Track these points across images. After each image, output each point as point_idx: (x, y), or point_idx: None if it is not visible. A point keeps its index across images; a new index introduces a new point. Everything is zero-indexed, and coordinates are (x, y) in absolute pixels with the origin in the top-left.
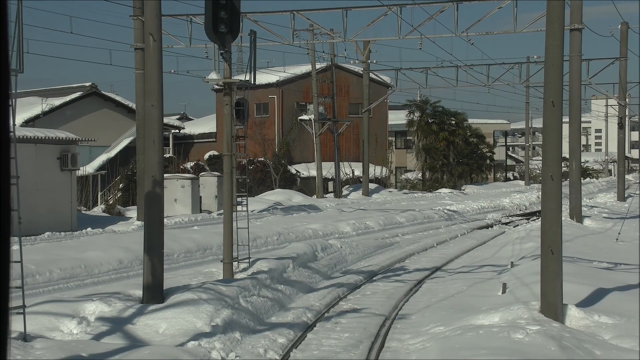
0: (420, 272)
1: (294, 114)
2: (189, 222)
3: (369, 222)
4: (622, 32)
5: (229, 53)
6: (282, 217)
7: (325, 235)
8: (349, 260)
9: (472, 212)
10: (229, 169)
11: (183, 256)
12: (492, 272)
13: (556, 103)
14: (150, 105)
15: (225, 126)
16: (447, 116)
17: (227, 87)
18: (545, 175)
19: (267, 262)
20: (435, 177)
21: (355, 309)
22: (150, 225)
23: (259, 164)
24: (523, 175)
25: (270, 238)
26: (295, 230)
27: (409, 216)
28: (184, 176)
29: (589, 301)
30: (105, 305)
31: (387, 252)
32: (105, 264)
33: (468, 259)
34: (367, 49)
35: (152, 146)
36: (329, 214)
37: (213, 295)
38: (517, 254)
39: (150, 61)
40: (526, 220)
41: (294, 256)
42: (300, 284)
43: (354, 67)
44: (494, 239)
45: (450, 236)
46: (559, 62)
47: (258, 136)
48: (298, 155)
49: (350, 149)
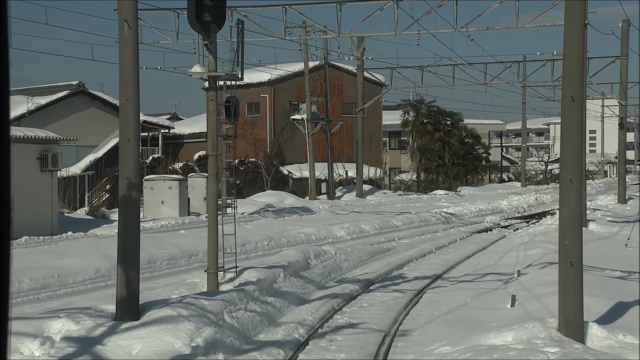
0: (420, 280)
1: (286, 113)
2: (176, 225)
3: (364, 225)
4: (623, 30)
5: (214, 44)
6: (273, 220)
7: (319, 239)
8: (343, 267)
9: (469, 214)
10: (215, 170)
11: (167, 263)
12: (498, 282)
13: (576, 98)
14: (125, 99)
15: (210, 124)
16: (442, 116)
17: (212, 81)
18: (563, 178)
19: (255, 271)
20: (430, 179)
21: (352, 323)
22: (125, 233)
23: (250, 165)
24: (518, 176)
25: (260, 243)
26: (287, 235)
27: (405, 219)
28: (172, 177)
29: (609, 317)
30: (73, 323)
31: (384, 259)
32: (81, 272)
33: (470, 266)
34: (362, 45)
35: (127, 145)
36: (322, 217)
37: (194, 311)
38: (522, 261)
39: (125, 51)
40: (526, 223)
41: (285, 264)
42: (292, 295)
43: (347, 66)
44: (494, 243)
45: (449, 241)
46: (579, 51)
47: (249, 136)
48: (290, 155)
49: (344, 150)
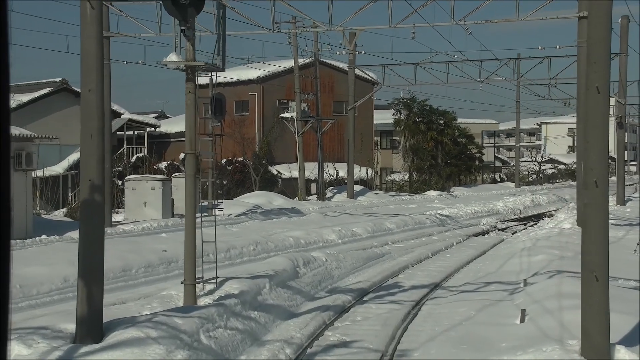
0: (418, 290)
1: (275, 112)
2: (158, 228)
3: (356, 228)
4: (623, 27)
5: (192, 30)
6: (260, 223)
7: (308, 244)
8: (335, 275)
9: (465, 216)
10: (193, 170)
11: (143, 271)
12: (503, 292)
13: (602, 89)
14: (88, 90)
15: (187, 119)
16: (435, 115)
17: (190, 72)
18: (587, 180)
19: (238, 282)
20: (422, 179)
21: (344, 341)
22: (86, 243)
23: (239, 165)
24: (510, 177)
25: (246, 248)
26: (274, 239)
27: (399, 222)
28: (154, 177)
29: (635, 337)
30: (24, 347)
31: (377, 265)
32: (47, 282)
33: (470, 273)
34: (354, 39)
35: (90, 142)
36: (312, 219)
37: (165, 332)
38: (526, 269)
39: (87, 34)
40: (523, 225)
41: (272, 274)
42: (278, 309)
43: (339, 64)
44: (494, 248)
45: (445, 245)
46: (605, 35)
47: (237, 135)
48: (280, 155)
49: (335, 149)
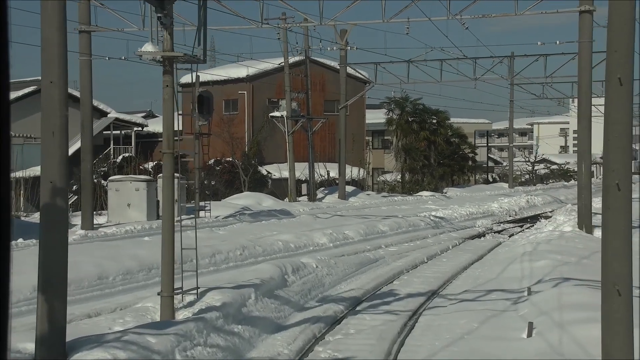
0: (414, 298)
1: (265, 111)
2: (142, 231)
3: (347, 231)
4: None
5: (169, 17)
6: (249, 225)
7: (298, 247)
8: (326, 283)
9: (459, 218)
10: (170, 172)
11: (121, 279)
12: (505, 301)
13: (625, 81)
14: (49, 81)
15: (165, 115)
16: (428, 114)
17: (167, 63)
18: (608, 183)
19: (221, 293)
20: (415, 179)
21: (336, 358)
22: (47, 252)
23: (227, 165)
24: (502, 177)
25: (232, 253)
26: (263, 243)
27: (392, 224)
28: (139, 178)
29: None
30: None
31: (371, 271)
32: (15, 292)
33: (469, 280)
34: (346, 34)
35: (51, 140)
36: (303, 221)
37: (136, 353)
38: (528, 275)
39: (47, 19)
40: (519, 227)
41: (258, 283)
42: (265, 322)
43: (330, 62)
44: (491, 252)
45: (441, 248)
46: (629, 18)
47: (226, 134)
48: (270, 155)
49: (326, 149)
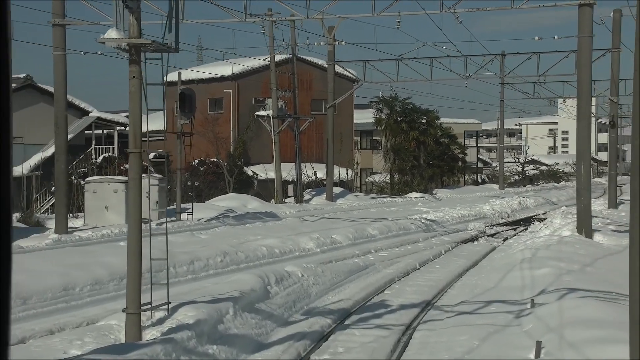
0: (408, 310)
1: (251, 110)
2: (119, 235)
3: (335, 235)
4: (615, 21)
5: (136, 1)
6: (232, 229)
7: (283, 253)
8: (312, 294)
9: (451, 221)
10: (138, 174)
11: (89, 289)
12: (507, 314)
13: None
14: None
15: (132, 110)
16: (417, 114)
17: (134, 52)
18: (635, 187)
19: (194, 308)
20: (404, 180)
21: None
22: None
23: (212, 165)
24: (492, 178)
25: (212, 260)
26: (245, 248)
27: (382, 227)
28: (117, 179)
29: None
30: None
31: (360, 279)
32: None
33: (465, 289)
34: (334, 29)
35: None
36: (289, 224)
37: None
38: (529, 284)
39: None
40: (513, 230)
41: (237, 296)
42: (244, 340)
43: (317, 60)
44: (486, 257)
45: (433, 253)
46: None
47: (210, 134)
48: (256, 155)
49: (313, 149)
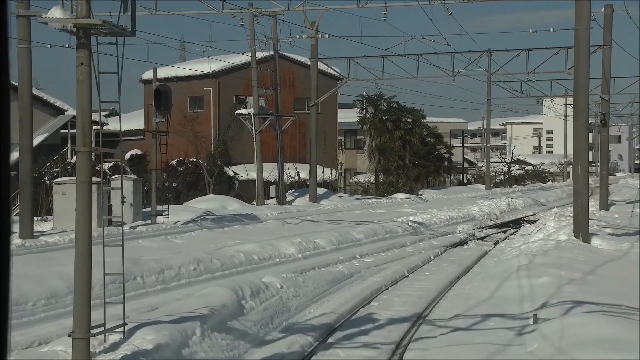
0: (397, 325)
1: (232, 108)
2: None
3: (318, 239)
4: (606, 16)
5: None
6: (210, 233)
7: (262, 260)
8: (292, 307)
9: (439, 223)
10: (87, 176)
11: (44, 303)
12: (507, 331)
13: None
14: None
15: (80, 101)
16: (403, 113)
17: (81, 34)
18: None
19: (155, 330)
20: (389, 181)
21: None
22: None
23: (191, 165)
24: (477, 178)
25: (185, 268)
26: (221, 255)
27: (367, 231)
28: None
29: None
30: None
31: (345, 289)
32: None
33: (459, 299)
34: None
35: None
36: (270, 227)
37: None
38: (528, 295)
39: None
40: (503, 233)
41: (206, 313)
42: None
43: (300, 58)
44: (478, 263)
45: (422, 259)
46: None
47: (189, 133)
48: (237, 155)
49: (296, 149)
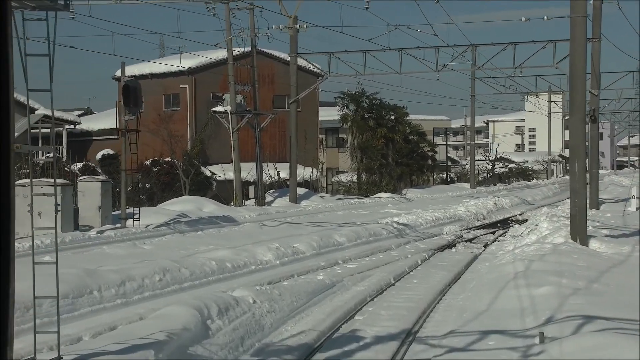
0: (385, 344)
1: (209, 106)
2: (49, 246)
3: (298, 244)
4: (595, 9)
5: None
6: (182, 237)
7: (236, 268)
8: (266, 325)
9: (424, 224)
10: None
11: None
12: (511, 352)
13: None
14: None
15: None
16: (385, 110)
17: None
18: None
19: None
20: (372, 180)
21: None
22: None
23: (166, 165)
24: (461, 177)
25: (149, 279)
26: (191, 263)
27: (350, 233)
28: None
29: None
30: None
31: (326, 301)
32: None
33: (452, 312)
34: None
35: None
36: (246, 231)
37: None
38: (529, 308)
39: None
40: (492, 234)
41: (162, 339)
42: None
43: (279, 54)
44: (469, 268)
45: (408, 264)
46: None
47: (164, 132)
48: (215, 154)
49: (276, 148)
